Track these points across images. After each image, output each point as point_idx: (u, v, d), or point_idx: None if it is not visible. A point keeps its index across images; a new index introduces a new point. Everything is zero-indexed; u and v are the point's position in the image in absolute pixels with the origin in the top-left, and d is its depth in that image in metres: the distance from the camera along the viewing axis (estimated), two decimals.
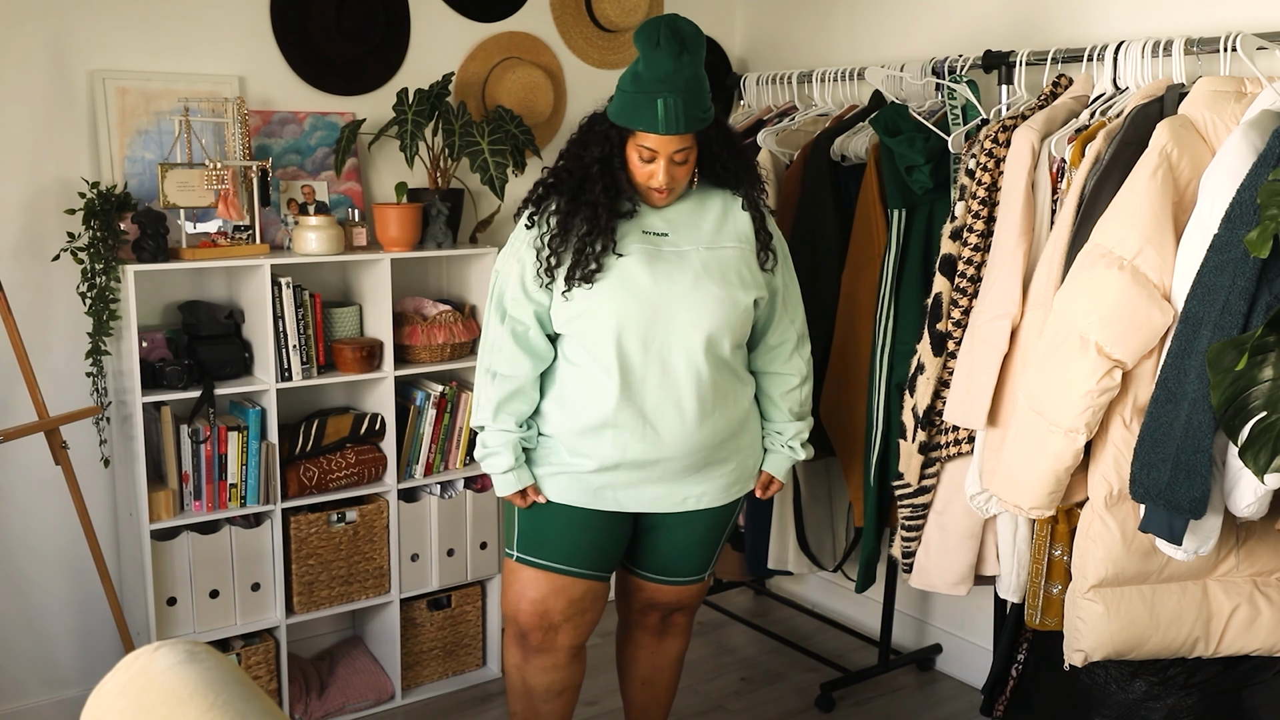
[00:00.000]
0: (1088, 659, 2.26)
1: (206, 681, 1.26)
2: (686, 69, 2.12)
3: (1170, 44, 2.39)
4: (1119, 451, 2.18)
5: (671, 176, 2.20)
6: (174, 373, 2.75)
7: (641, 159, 2.19)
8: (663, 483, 2.29)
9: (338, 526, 3.02)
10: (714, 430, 2.27)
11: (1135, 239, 2.10)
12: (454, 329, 3.10)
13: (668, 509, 2.33)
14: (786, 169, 3.14)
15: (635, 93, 2.14)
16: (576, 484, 2.29)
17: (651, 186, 2.21)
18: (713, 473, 2.33)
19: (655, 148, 2.16)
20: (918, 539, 2.74)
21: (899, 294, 2.78)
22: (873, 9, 3.38)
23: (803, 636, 3.62)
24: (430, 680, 3.27)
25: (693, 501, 2.33)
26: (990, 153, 2.51)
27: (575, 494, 2.30)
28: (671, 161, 2.18)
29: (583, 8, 3.54)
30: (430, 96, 3.03)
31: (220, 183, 2.78)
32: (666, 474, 2.28)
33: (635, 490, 2.29)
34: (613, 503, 2.30)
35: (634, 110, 2.14)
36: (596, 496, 2.29)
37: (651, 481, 2.28)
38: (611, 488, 2.28)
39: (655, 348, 2.20)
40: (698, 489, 2.33)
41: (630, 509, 2.32)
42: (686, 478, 2.30)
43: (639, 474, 2.27)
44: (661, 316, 2.20)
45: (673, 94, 2.10)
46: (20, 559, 2.91)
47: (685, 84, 2.12)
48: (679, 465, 2.27)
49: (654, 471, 2.27)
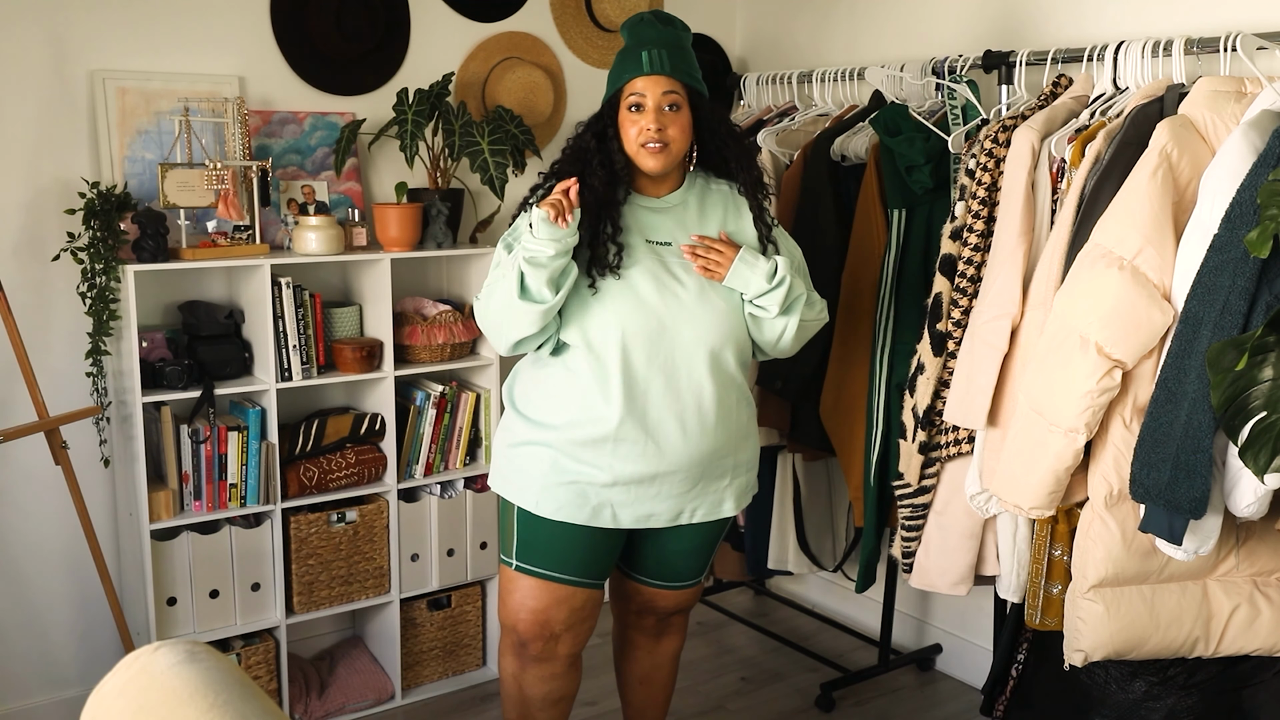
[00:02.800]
0: (1088, 659, 2.26)
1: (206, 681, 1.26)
2: (670, 34, 2.18)
3: (1170, 44, 2.39)
4: (1119, 451, 2.18)
5: (662, 126, 2.15)
6: (174, 373, 2.75)
7: (631, 113, 2.17)
8: (661, 499, 2.26)
9: (338, 526, 3.02)
10: (715, 445, 2.25)
11: (1135, 239, 2.10)
12: (454, 329, 3.10)
13: (664, 524, 2.30)
14: (786, 169, 3.14)
15: (622, 54, 2.20)
16: (576, 498, 2.24)
17: (642, 143, 2.16)
18: (710, 487, 2.30)
19: (643, 91, 2.15)
20: (918, 539, 2.74)
21: (899, 294, 2.79)
22: (873, 9, 3.38)
23: (803, 636, 3.62)
24: (430, 680, 3.27)
25: (686, 515, 2.30)
26: (990, 153, 2.51)
27: (571, 510, 2.25)
28: (660, 111, 2.15)
29: (583, 8, 3.54)
30: (430, 96, 3.03)
31: (220, 183, 2.78)
32: (665, 490, 2.25)
33: (633, 507, 2.25)
34: (610, 519, 2.26)
35: (621, 67, 2.19)
36: (595, 514, 2.25)
37: (650, 498, 2.25)
38: (610, 505, 2.25)
39: (659, 361, 2.18)
40: (695, 504, 2.30)
41: (627, 525, 2.28)
42: (685, 492, 2.28)
43: (638, 490, 2.24)
44: (667, 330, 2.18)
45: (657, 47, 2.16)
46: (20, 559, 2.91)
47: (670, 41, 2.18)
48: (678, 479, 2.25)
49: (652, 488, 2.24)
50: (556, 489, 2.25)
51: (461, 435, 3.18)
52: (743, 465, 2.36)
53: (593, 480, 2.22)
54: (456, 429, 3.17)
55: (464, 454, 3.20)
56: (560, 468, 2.24)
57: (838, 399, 2.93)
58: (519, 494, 2.30)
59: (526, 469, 2.28)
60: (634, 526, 2.29)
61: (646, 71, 2.14)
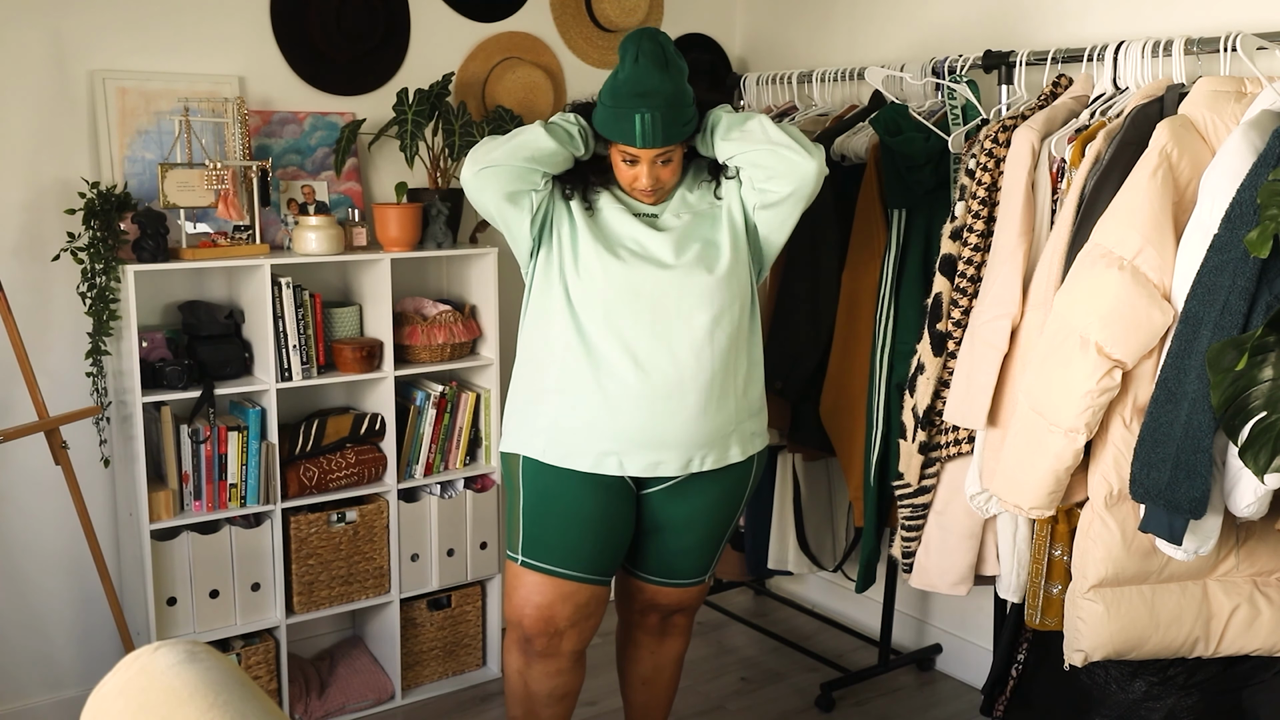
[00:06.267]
0: (1088, 659, 2.26)
1: (206, 681, 1.26)
2: (665, 85, 2.18)
3: (1170, 44, 2.39)
4: (1119, 451, 2.18)
5: (655, 179, 2.27)
6: (174, 373, 2.75)
7: (625, 164, 2.27)
8: (668, 447, 2.27)
9: (338, 526, 3.02)
10: (711, 374, 2.26)
11: (1135, 239, 2.10)
12: (454, 329, 3.10)
13: (675, 472, 2.29)
14: None
15: (614, 107, 2.21)
16: (580, 444, 2.26)
17: (636, 189, 2.29)
18: (717, 433, 2.30)
19: (636, 154, 2.24)
20: (918, 539, 2.74)
21: (899, 294, 2.79)
22: (873, 9, 3.38)
23: (803, 636, 3.62)
24: (430, 680, 3.27)
25: (697, 463, 2.29)
26: (990, 153, 2.51)
27: (577, 459, 2.27)
28: (654, 165, 2.25)
29: (583, 8, 3.54)
30: (430, 96, 3.03)
31: (220, 183, 2.78)
32: (668, 439, 2.26)
33: (640, 454, 2.26)
34: (616, 467, 2.27)
35: (614, 124, 2.22)
36: (599, 462, 2.27)
37: (654, 445, 2.26)
38: (615, 453, 2.26)
39: (660, 330, 2.23)
40: (704, 451, 2.29)
41: (634, 473, 2.28)
42: (692, 435, 2.27)
43: (643, 439, 2.25)
44: (661, 303, 2.23)
45: (650, 110, 2.16)
46: (20, 559, 2.91)
47: (665, 100, 2.18)
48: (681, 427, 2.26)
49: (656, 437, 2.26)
50: (560, 439, 2.29)
51: (461, 435, 3.18)
52: (745, 411, 2.35)
53: (595, 423, 2.25)
54: (456, 429, 3.17)
55: (464, 454, 3.20)
56: (563, 417, 2.28)
57: (838, 399, 2.93)
58: (527, 443, 2.33)
59: (533, 421, 2.33)
60: (641, 474, 2.29)
61: (639, 146, 2.21)
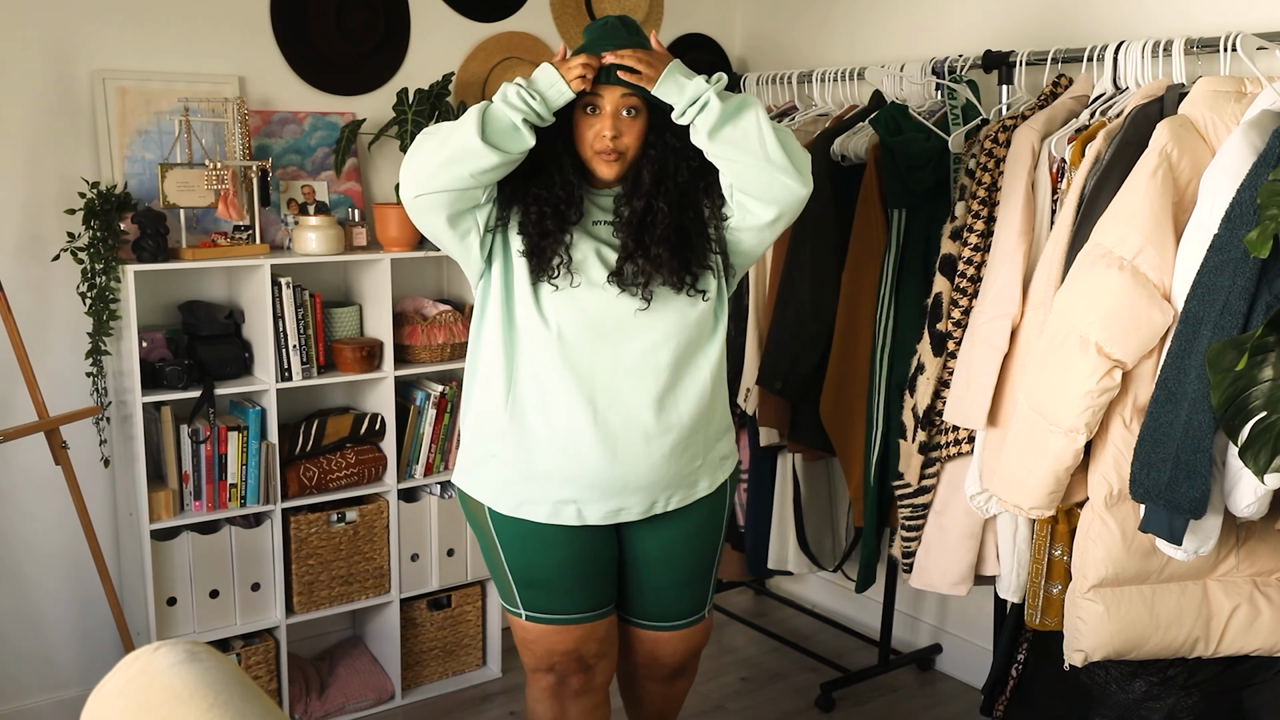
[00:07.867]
0: (1088, 659, 2.26)
1: (206, 681, 1.26)
2: (631, 41, 2.02)
3: (1170, 44, 2.39)
4: (1119, 451, 2.18)
5: (618, 131, 2.03)
6: (174, 373, 2.75)
7: (587, 114, 2.04)
8: (627, 493, 2.13)
9: (338, 526, 3.02)
10: (679, 439, 2.12)
11: (1135, 239, 2.10)
12: (454, 329, 3.10)
13: (638, 517, 2.16)
14: None
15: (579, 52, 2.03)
16: (535, 493, 2.12)
17: (598, 148, 2.05)
18: (681, 471, 2.16)
19: (601, 98, 2.02)
20: (918, 539, 2.74)
21: (899, 294, 2.79)
22: (873, 9, 3.38)
23: (803, 636, 3.62)
24: (430, 680, 3.26)
25: (661, 505, 2.16)
26: (990, 153, 2.51)
27: (531, 508, 2.13)
28: (618, 116, 2.03)
29: (583, 8, 3.54)
30: (430, 96, 3.03)
31: (220, 183, 2.78)
32: (630, 484, 2.12)
33: (599, 503, 2.12)
34: (574, 516, 2.12)
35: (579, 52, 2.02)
36: (556, 512, 2.12)
37: (615, 492, 2.12)
38: (574, 501, 2.11)
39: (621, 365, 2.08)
40: (668, 493, 2.16)
41: (594, 522, 2.13)
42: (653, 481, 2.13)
43: (601, 489, 2.11)
44: (621, 332, 2.08)
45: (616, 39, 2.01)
46: (20, 559, 2.91)
47: (632, 45, 2.02)
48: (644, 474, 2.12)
49: (617, 483, 2.11)
50: (514, 485, 2.14)
51: (462, 435, 3.18)
52: (713, 437, 2.21)
53: (551, 470, 2.10)
54: (456, 429, 3.17)
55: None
56: (517, 462, 2.13)
57: (838, 399, 2.93)
58: (477, 487, 2.20)
59: (484, 463, 2.19)
60: (601, 523, 2.15)
61: (608, 48, 1.99)
